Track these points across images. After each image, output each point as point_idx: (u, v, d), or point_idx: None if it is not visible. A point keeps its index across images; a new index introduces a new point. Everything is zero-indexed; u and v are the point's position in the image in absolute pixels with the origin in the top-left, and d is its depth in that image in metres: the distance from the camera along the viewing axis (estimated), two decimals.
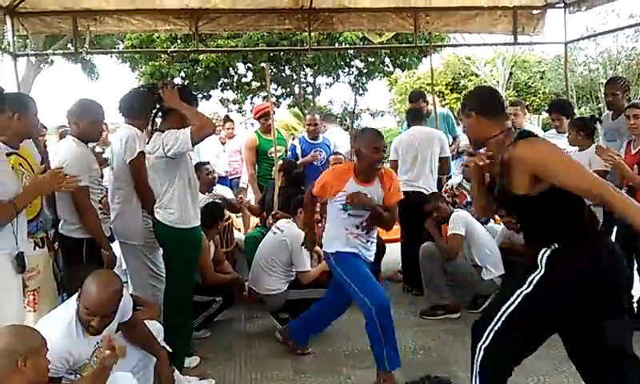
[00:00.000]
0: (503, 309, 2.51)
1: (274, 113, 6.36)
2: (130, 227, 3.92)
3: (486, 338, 2.55)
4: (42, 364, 2.33)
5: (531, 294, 2.46)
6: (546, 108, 6.21)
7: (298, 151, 6.33)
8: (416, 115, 5.88)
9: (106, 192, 3.96)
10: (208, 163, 5.64)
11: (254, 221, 5.96)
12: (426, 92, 6.88)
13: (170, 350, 3.37)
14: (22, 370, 2.23)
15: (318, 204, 4.64)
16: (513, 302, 2.49)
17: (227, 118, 8.68)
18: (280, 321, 4.76)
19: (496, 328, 2.53)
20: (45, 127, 6.59)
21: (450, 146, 6.39)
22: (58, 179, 3.06)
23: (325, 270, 4.79)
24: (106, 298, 2.72)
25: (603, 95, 5.54)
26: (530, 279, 2.47)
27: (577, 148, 4.76)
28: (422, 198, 5.36)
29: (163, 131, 3.56)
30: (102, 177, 3.97)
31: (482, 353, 2.57)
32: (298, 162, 6.12)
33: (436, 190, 5.61)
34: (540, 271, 2.46)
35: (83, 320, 2.72)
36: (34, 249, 3.34)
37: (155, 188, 3.75)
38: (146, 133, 3.97)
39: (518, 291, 2.49)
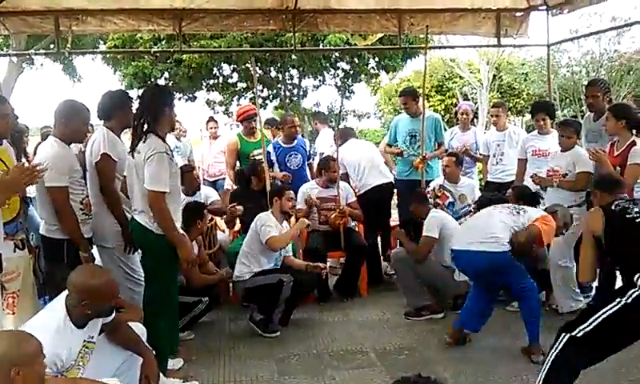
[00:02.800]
0: (600, 312, 2.86)
1: (257, 115, 6.33)
2: (103, 230, 3.87)
3: (578, 331, 2.87)
4: (37, 373, 2.21)
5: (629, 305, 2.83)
6: (530, 110, 6.27)
7: (273, 157, 6.28)
8: (347, 133, 6.68)
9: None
10: (194, 169, 5.61)
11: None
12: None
13: (154, 352, 3.35)
14: (14, 380, 2.10)
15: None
16: (611, 308, 2.84)
17: (211, 119, 8.66)
18: (257, 324, 4.73)
19: (590, 327, 2.86)
20: (27, 127, 6.52)
21: (435, 150, 6.40)
22: (24, 173, 3.00)
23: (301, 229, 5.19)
24: (104, 283, 2.78)
25: (584, 97, 5.60)
26: (630, 293, 2.84)
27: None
28: (385, 187, 6.12)
29: (149, 133, 3.52)
30: (83, 177, 3.92)
31: (564, 341, 2.89)
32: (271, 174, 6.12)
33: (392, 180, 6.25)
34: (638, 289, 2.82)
35: (80, 314, 2.73)
36: (14, 251, 3.30)
37: (141, 188, 3.59)
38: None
39: (618, 299, 2.85)
